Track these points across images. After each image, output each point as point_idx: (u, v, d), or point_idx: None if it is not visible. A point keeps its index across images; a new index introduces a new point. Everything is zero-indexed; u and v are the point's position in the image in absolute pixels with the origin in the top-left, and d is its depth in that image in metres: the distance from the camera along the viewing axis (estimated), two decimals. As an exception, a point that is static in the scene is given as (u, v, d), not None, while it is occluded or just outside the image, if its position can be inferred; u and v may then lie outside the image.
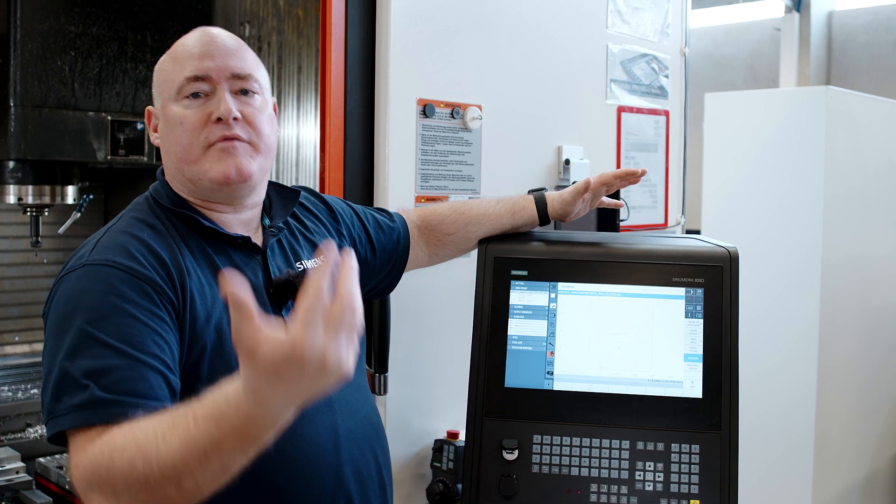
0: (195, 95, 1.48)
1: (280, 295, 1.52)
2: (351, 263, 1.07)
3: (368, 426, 1.61)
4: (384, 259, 1.87)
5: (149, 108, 1.59)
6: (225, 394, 1.12)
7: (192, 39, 1.53)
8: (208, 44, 1.51)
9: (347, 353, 1.07)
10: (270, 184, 1.67)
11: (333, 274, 1.06)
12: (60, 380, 1.28)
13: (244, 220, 1.57)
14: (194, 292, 1.41)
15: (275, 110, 1.63)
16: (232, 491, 1.20)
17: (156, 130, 1.57)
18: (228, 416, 1.10)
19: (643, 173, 1.91)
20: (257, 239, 1.59)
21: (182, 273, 1.40)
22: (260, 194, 1.60)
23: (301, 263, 1.62)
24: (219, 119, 1.47)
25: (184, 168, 1.50)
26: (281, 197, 1.67)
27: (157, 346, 1.33)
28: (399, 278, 1.94)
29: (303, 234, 1.68)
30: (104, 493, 1.19)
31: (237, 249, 1.53)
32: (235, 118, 1.48)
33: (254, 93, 1.53)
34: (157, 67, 1.56)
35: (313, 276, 1.04)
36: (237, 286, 1.01)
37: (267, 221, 1.62)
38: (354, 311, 1.06)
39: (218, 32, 1.54)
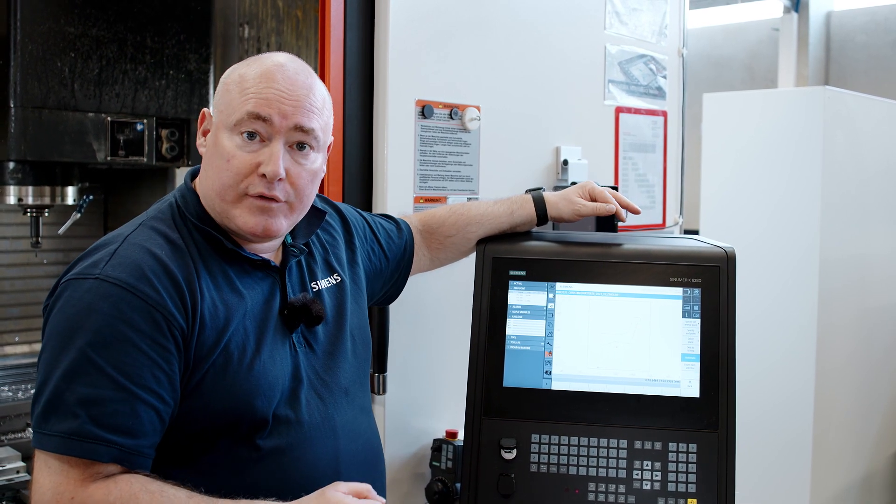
0: (250, 136, 1.44)
1: (293, 318, 1.53)
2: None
3: (369, 451, 1.62)
4: (393, 267, 1.90)
5: (205, 110, 1.55)
6: None
7: (266, 71, 1.46)
8: (281, 86, 1.45)
9: None
10: None
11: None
12: (53, 399, 1.30)
13: (267, 246, 1.57)
14: (205, 316, 1.40)
15: (329, 150, 1.60)
16: None
17: (204, 136, 1.53)
18: None
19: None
20: (277, 257, 1.59)
21: (195, 297, 1.40)
22: (285, 235, 1.60)
23: (316, 284, 1.62)
24: (264, 175, 1.44)
25: (216, 203, 1.48)
26: (307, 216, 1.64)
27: (156, 380, 1.34)
28: (404, 285, 1.96)
29: (320, 252, 1.69)
30: None
31: (256, 269, 1.53)
32: (280, 179, 1.45)
33: (310, 148, 1.50)
34: (226, 77, 1.51)
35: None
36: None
37: (289, 239, 1.61)
38: None
39: (293, 69, 1.48)
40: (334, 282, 1.67)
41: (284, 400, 1.48)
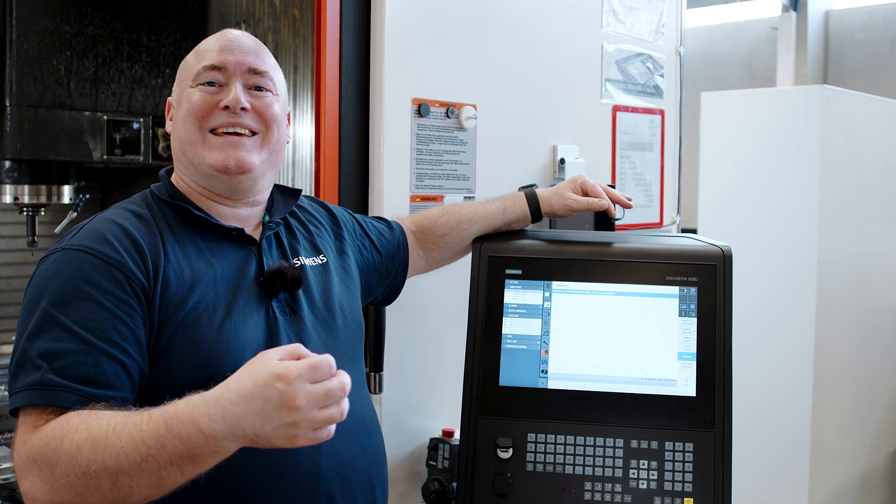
0: (210, 84, 1.52)
1: (270, 284, 1.53)
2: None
3: (357, 422, 1.59)
4: (389, 264, 1.90)
5: (169, 98, 1.62)
6: (186, 399, 1.20)
7: (215, 37, 1.58)
8: (230, 40, 1.56)
9: (317, 425, 1.18)
10: (275, 186, 1.68)
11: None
12: (20, 358, 1.33)
13: (242, 216, 1.59)
14: (169, 276, 1.42)
15: (288, 119, 1.66)
16: (199, 478, 1.24)
17: (171, 119, 1.60)
18: (181, 419, 1.18)
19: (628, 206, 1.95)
20: (255, 233, 1.60)
21: (157, 257, 1.42)
22: (262, 192, 1.61)
23: (298, 259, 1.63)
24: (227, 107, 1.50)
25: (186, 149, 1.53)
26: (283, 196, 1.70)
27: (119, 333, 1.35)
28: (402, 286, 1.96)
29: (304, 235, 1.70)
30: (42, 473, 1.24)
31: (231, 241, 1.54)
32: (244, 108, 1.51)
33: (267, 90, 1.57)
34: (181, 64, 1.60)
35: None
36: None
37: (267, 218, 1.64)
38: (342, 398, 1.20)
39: (240, 33, 1.59)
40: (319, 262, 1.67)
41: None
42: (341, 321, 1.64)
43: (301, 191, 1.74)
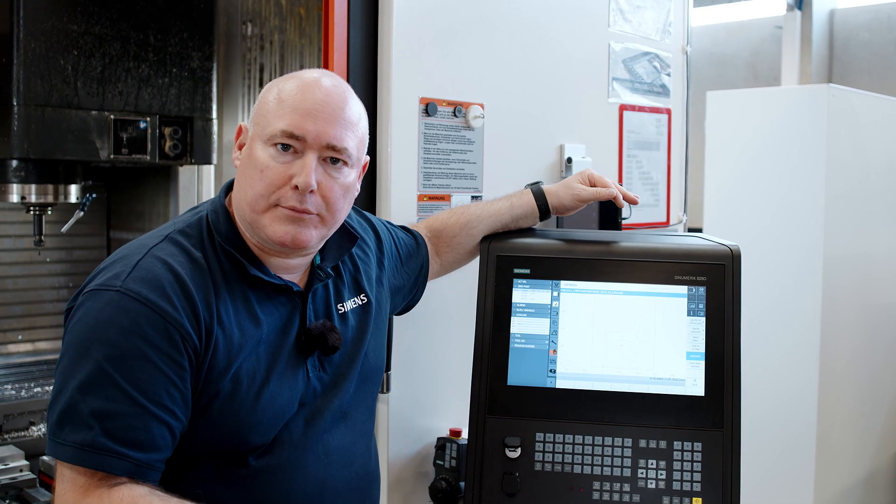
0: (284, 147, 1.46)
1: (308, 345, 1.52)
2: None
3: (363, 478, 1.61)
4: (412, 283, 1.91)
5: (242, 124, 1.56)
6: None
7: (300, 85, 1.49)
8: (315, 104, 1.47)
9: None
10: None
11: None
12: (68, 409, 1.31)
13: (292, 264, 1.56)
14: (219, 339, 1.41)
15: (364, 168, 1.61)
16: None
17: (240, 149, 1.54)
18: None
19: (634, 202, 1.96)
20: (303, 278, 1.58)
21: (211, 317, 1.41)
22: (316, 250, 1.59)
23: (342, 305, 1.62)
24: (296, 186, 1.45)
25: (248, 212, 1.48)
26: (339, 237, 1.64)
27: (169, 396, 1.35)
28: (421, 295, 1.98)
29: (350, 272, 1.68)
30: None
31: (279, 293, 1.52)
32: (312, 191, 1.46)
33: (343, 164, 1.51)
34: (264, 92, 1.53)
35: None
36: None
37: (318, 260, 1.60)
38: None
39: (327, 88, 1.50)
40: (360, 302, 1.66)
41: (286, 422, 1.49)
42: (365, 371, 1.64)
43: (358, 238, 1.69)
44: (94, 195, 2.95)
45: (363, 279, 1.69)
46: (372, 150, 2.13)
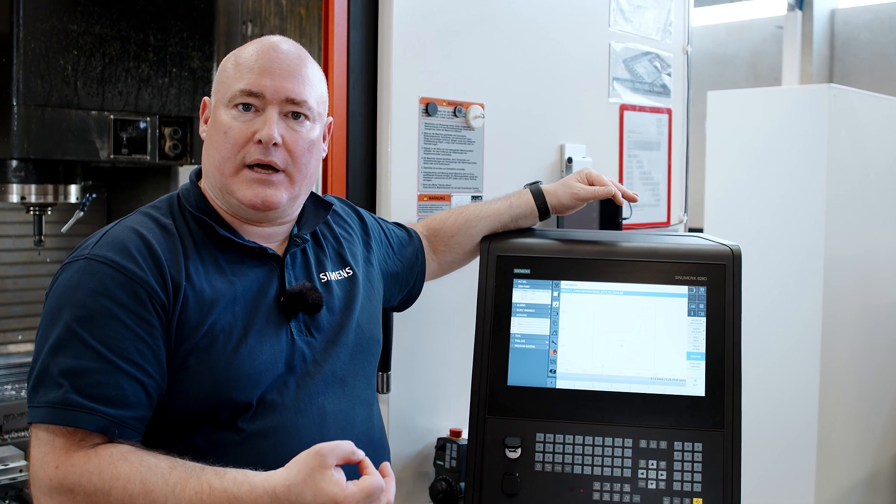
0: (245, 107, 1.49)
1: (290, 306, 1.52)
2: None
3: (366, 444, 1.59)
4: (408, 274, 1.91)
5: (206, 98, 1.60)
6: (251, 483, 1.27)
7: (258, 50, 1.52)
8: (271, 60, 1.50)
9: None
10: (309, 195, 1.66)
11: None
12: (41, 372, 1.34)
13: (268, 234, 1.57)
14: (189, 295, 1.42)
15: (329, 129, 1.64)
16: None
17: (206, 122, 1.58)
18: (243, 502, 1.25)
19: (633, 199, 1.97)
20: (281, 247, 1.59)
21: (179, 275, 1.42)
22: (290, 215, 1.60)
23: (325, 275, 1.62)
24: (260, 140, 1.47)
25: (217, 176, 1.51)
26: (315, 207, 1.68)
27: (139, 353, 1.36)
28: (418, 295, 1.98)
29: (333, 245, 1.69)
30: (74, 502, 1.28)
31: (254, 258, 1.53)
32: (276, 144, 1.48)
33: (304, 118, 1.53)
34: (221, 63, 1.57)
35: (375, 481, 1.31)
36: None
37: (295, 230, 1.62)
38: None
39: (284, 49, 1.53)
40: (346, 275, 1.67)
41: (274, 385, 1.48)
42: (359, 340, 1.64)
43: (332, 205, 1.72)
44: (94, 195, 2.95)
45: (347, 254, 1.69)
46: (372, 149, 2.13)
